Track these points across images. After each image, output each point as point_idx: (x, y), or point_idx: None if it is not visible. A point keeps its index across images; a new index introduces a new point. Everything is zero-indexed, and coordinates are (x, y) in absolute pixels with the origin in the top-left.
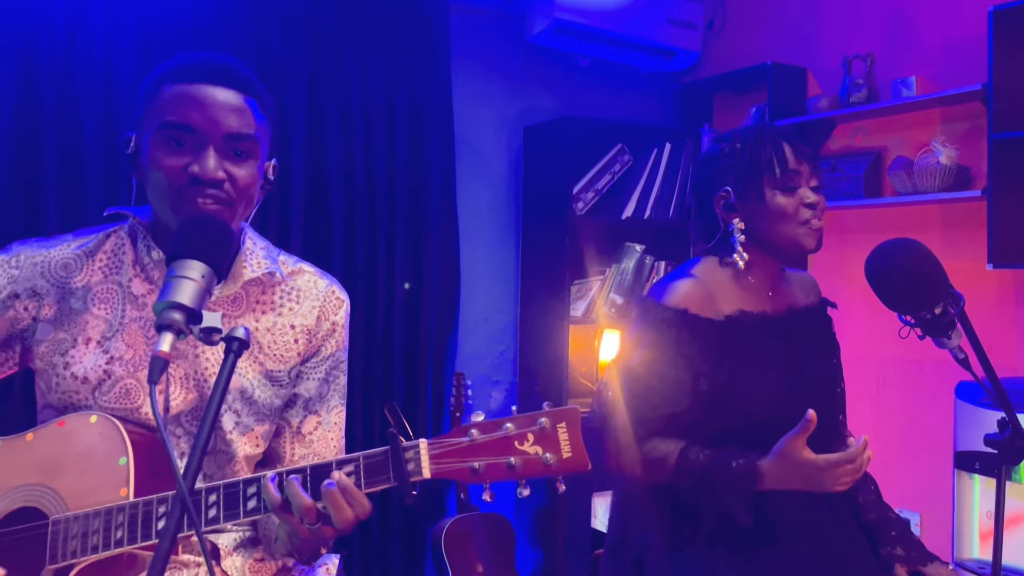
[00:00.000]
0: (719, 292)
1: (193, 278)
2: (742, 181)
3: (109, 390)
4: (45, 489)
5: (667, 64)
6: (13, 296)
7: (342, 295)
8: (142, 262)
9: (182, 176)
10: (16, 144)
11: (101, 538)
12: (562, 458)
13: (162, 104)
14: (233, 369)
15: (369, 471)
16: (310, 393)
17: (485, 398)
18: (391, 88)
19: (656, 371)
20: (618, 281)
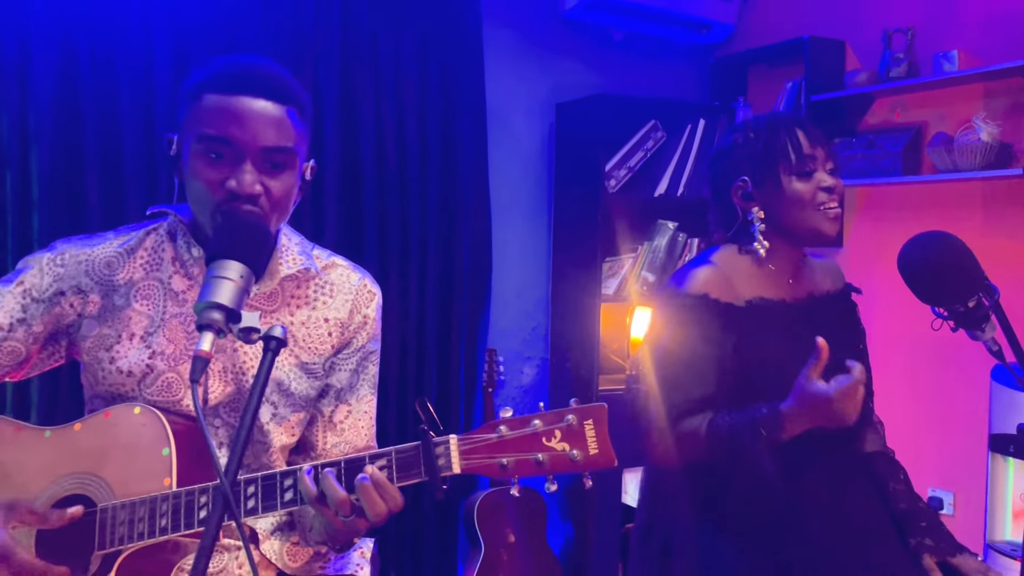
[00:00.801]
0: (738, 279)
1: (231, 278)
2: (758, 170)
3: (152, 383)
4: (93, 477)
5: (702, 37)
6: (59, 293)
7: (374, 288)
8: (182, 259)
9: (220, 190)
10: (56, 134)
11: (147, 525)
12: (589, 455)
13: (202, 114)
14: (271, 367)
15: (401, 465)
16: (342, 383)
17: (517, 373)
18: (423, 66)
19: (682, 357)
20: (650, 259)
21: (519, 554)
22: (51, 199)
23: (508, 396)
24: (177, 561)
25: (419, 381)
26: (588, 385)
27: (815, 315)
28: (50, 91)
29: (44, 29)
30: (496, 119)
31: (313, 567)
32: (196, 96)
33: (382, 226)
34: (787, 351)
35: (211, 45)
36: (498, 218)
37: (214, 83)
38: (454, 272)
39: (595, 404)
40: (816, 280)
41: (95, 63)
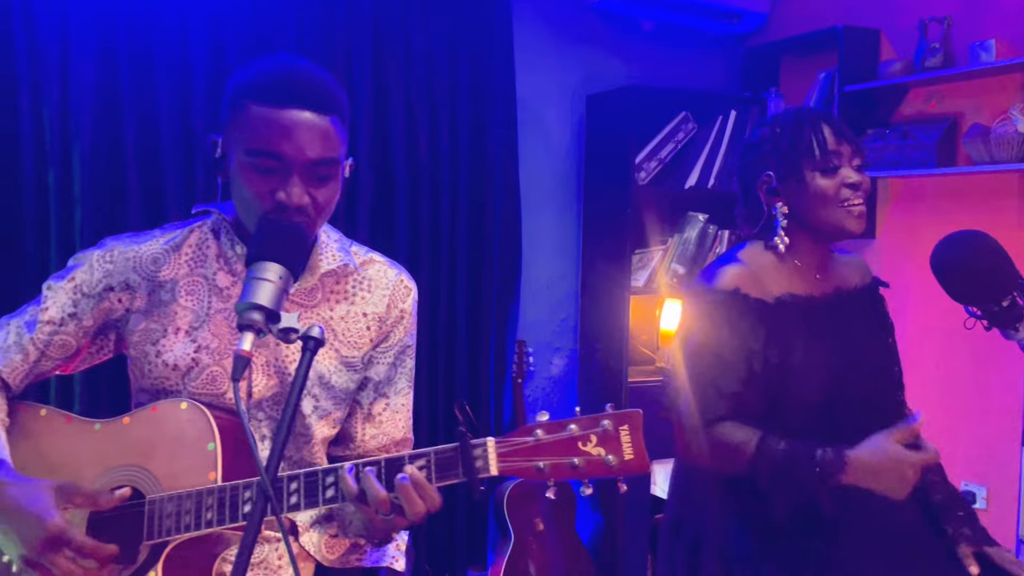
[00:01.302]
0: (766, 275)
1: (271, 279)
2: (783, 165)
3: (197, 377)
4: (141, 470)
5: (733, 27)
6: (108, 289)
7: (410, 283)
8: (226, 256)
9: (268, 200)
10: (96, 129)
11: (193, 518)
12: (624, 460)
13: (248, 125)
14: (310, 366)
15: (440, 466)
16: (379, 377)
17: (546, 364)
18: (454, 59)
19: (714, 353)
20: (680, 251)
21: (548, 543)
22: (92, 193)
23: (537, 387)
24: (220, 552)
25: (449, 372)
26: (618, 377)
27: (844, 310)
28: (90, 87)
29: (83, 25)
30: (526, 111)
31: (350, 559)
32: (241, 104)
33: (413, 219)
34: (816, 346)
35: (246, 40)
36: (528, 210)
37: (259, 92)
38: (484, 264)
39: (631, 410)
40: (844, 275)
41: (133, 58)
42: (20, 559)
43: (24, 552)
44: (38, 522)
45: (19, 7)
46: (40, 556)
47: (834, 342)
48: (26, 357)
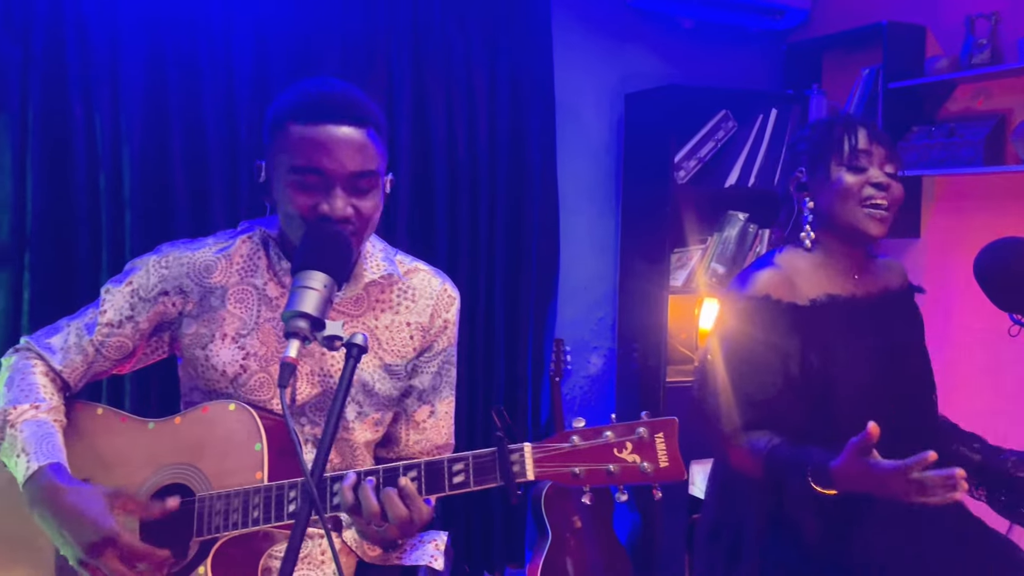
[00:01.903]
0: (801, 278)
1: (316, 288)
2: (813, 159)
3: (245, 382)
4: (191, 468)
5: (775, 23)
6: (163, 293)
7: (454, 293)
8: (274, 268)
9: (313, 214)
10: (145, 134)
11: (240, 516)
12: (659, 467)
13: (289, 144)
14: (353, 373)
15: (478, 470)
16: (424, 385)
17: (584, 363)
18: (493, 58)
19: (747, 359)
20: (720, 250)
21: (586, 541)
22: (142, 196)
23: (575, 386)
24: (267, 548)
25: (487, 371)
26: (656, 376)
27: (884, 310)
28: (139, 92)
29: (132, 31)
30: (564, 110)
31: (390, 556)
32: (281, 126)
33: (452, 218)
34: (858, 347)
35: (288, 44)
36: (566, 209)
37: (298, 113)
38: (522, 263)
39: (666, 418)
40: (883, 277)
41: (180, 62)
42: (76, 561)
43: (79, 554)
44: (93, 526)
45: (71, 14)
46: (94, 559)
47: (876, 343)
48: (85, 357)
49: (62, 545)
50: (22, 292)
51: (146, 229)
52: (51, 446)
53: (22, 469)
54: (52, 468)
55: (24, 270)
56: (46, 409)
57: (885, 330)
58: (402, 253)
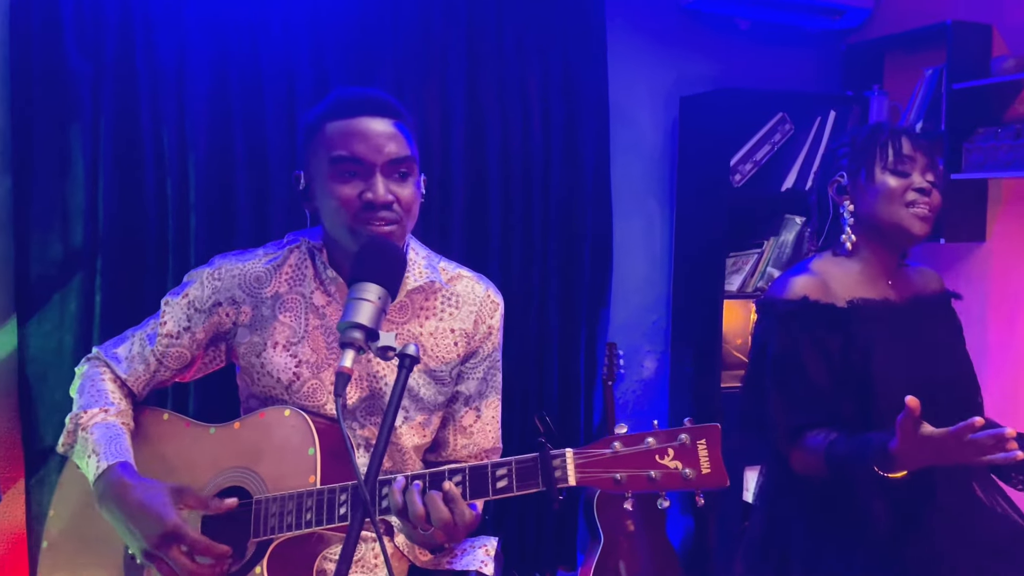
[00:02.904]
0: (836, 283)
1: (370, 299)
2: (854, 163)
3: (299, 389)
4: (250, 472)
5: (835, 23)
6: (216, 304)
7: (497, 298)
8: (320, 277)
9: (356, 202)
10: (210, 139)
11: (294, 518)
12: (701, 474)
13: (328, 140)
14: (406, 382)
15: (520, 475)
16: (470, 391)
17: (637, 367)
18: (546, 63)
19: (792, 363)
20: (776, 254)
21: (638, 546)
22: (206, 200)
23: (628, 389)
24: (321, 550)
25: (540, 374)
26: (710, 382)
27: (919, 314)
28: (203, 101)
29: (197, 44)
30: (618, 113)
31: (441, 561)
32: (318, 128)
33: (506, 221)
34: (895, 349)
35: (345, 47)
36: (619, 212)
37: (332, 112)
38: (575, 266)
39: (709, 424)
40: (917, 282)
41: (242, 71)
42: (142, 553)
43: (145, 546)
44: (158, 520)
45: (140, 28)
46: (159, 550)
47: (913, 346)
48: (148, 367)
49: (129, 539)
50: (94, 295)
51: (210, 232)
52: (119, 446)
53: (92, 468)
54: (120, 466)
55: (96, 274)
56: (115, 413)
57: (921, 333)
58: (445, 260)
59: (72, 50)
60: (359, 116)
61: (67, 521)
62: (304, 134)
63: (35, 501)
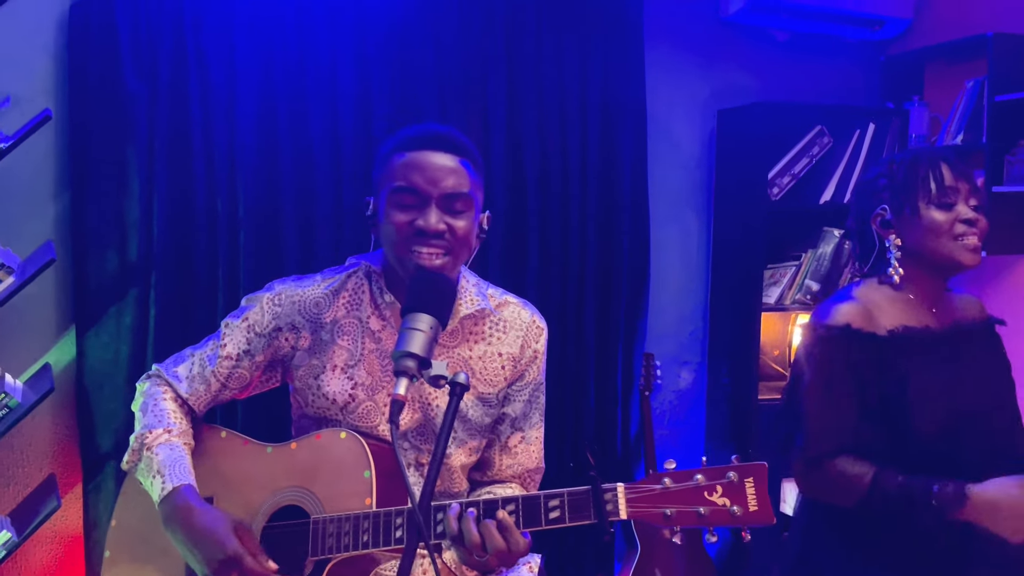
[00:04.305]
0: (879, 311)
1: (423, 329)
2: (897, 197)
3: (353, 411)
4: (306, 492)
5: (874, 34)
6: (277, 329)
7: (542, 324)
8: (376, 301)
9: (409, 229)
10: (258, 159)
11: (351, 539)
12: (748, 511)
13: (392, 171)
14: (457, 409)
15: (573, 507)
16: (516, 413)
17: (674, 378)
18: (585, 76)
19: (827, 389)
20: (814, 267)
21: (675, 555)
22: (255, 218)
23: (664, 400)
24: (374, 568)
25: (577, 384)
26: (747, 395)
27: (962, 342)
28: (252, 121)
29: (247, 66)
30: (655, 126)
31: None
32: (387, 159)
33: (544, 233)
34: (934, 378)
35: (388, 69)
36: (656, 223)
37: (401, 145)
38: (612, 277)
39: (756, 463)
40: (960, 309)
41: (289, 93)
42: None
43: (206, 570)
44: (219, 547)
45: (193, 51)
46: (219, 574)
47: (953, 373)
48: (208, 387)
49: (191, 560)
50: (149, 308)
51: (257, 248)
52: (182, 468)
53: (157, 489)
54: (185, 489)
55: (151, 288)
56: (177, 433)
57: (964, 361)
58: (493, 286)
59: (129, 73)
60: (424, 150)
61: (129, 532)
62: (377, 164)
63: (92, 506)
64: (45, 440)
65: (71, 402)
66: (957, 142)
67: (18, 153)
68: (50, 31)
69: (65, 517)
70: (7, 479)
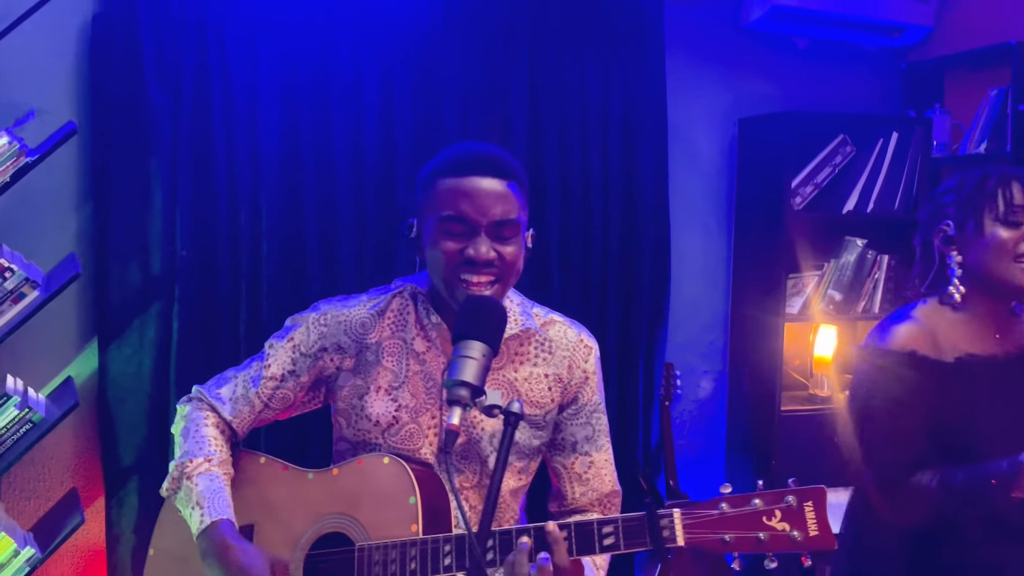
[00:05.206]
0: (942, 335)
1: (475, 357)
2: (962, 212)
3: (396, 433)
4: (349, 518)
5: (894, 41)
6: (322, 349)
7: (591, 343)
8: (422, 323)
9: (458, 257)
10: (281, 171)
11: (398, 567)
12: (809, 536)
13: (439, 197)
14: (512, 440)
15: (627, 533)
16: (576, 437)
17: (694, 387)
18: (606, 87)
19: (892, 416)
20: (837, 276)
21: (697, 566)
22: (277, 230)
23: (684, 410)
24: None
25: None
26: (770, 405)
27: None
28: (276, 133)
29: (270, 77)
30: (676, 135)
31: None
32: (431, 183)
33: (565, 242)
34: (1000, 410)
35: (412, 81)
36: (677, 232)
37: (446, 169)
38: (633, 286)
39: (815, 487)
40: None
41: (312, 103)
42: None
43: None
44: None
45: (216, 63)
46: None
47: (1018, 404)
48: (252, 408)
49: None
50: (172, 322)
51: (280, 261)
52: (222, 501)
53: (196, 521)
54: (223, 525)
55: (174, 302)
56: (217, 462)
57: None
58: (538, 306)
59: (152, 84)
60: (471, 175)
61: (167, 561)
62: (420, 186)
63: (115, 521)
64: (66, 454)
65: (92, 415)
66: (980, 151)
67: (40, 165)
68: (71, 42)
69: (86, 531)
70: (28, 493)
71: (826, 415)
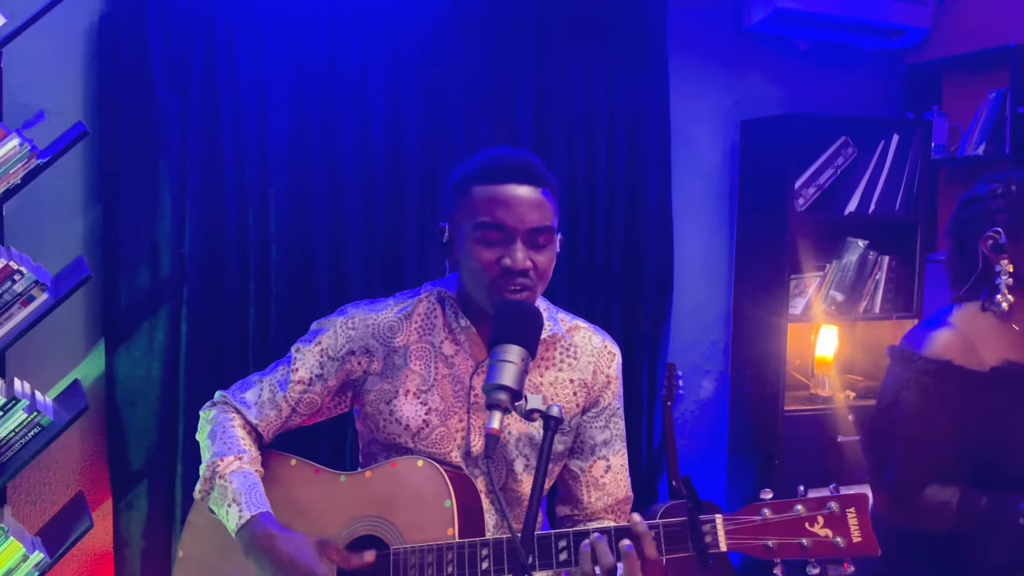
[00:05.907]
0: (980, 342)
1: (513, 361)
2: (1016, 221)
3: (426, 436)
4: (384, 521)
5: (892, 43)
6: (350, 353)
7: (614, 349)
8: (450, 326)
9: (495, 268)
10: (289, 173)
11: (435, 570)
12: (852, 542)
13: (474, 204)
14: (552, 445)
15: (668, 539)
16: (595, 440)
17: (696, 387)
18: (610, 89)
19: (924, 426)
20: (839, 277)
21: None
22: (286, 232)
23: (686, 410)
24: None
25: None
26: (773, 405)
27: None
28: (284, 134)
29: (278, 78)
30: (679, 136)
31: None
32: (466, 190)
33: (571, 243)
34: None
35: (420, 81)
36: (679, 233)
37: (481, 176)
38: (638, 288)
39: (857, 493)
40: None
41: (321, 103)
42: None
43: None
44: (307, 572)
45: (225, 64)
46: None
47: None
48: (279, 413)
49: None
50: (180, 325)
51: (289, 263)
52: (258, 496)
53: (234, 517)
54: (264, 517)
55: (183, 304)
56: (248, 460)
57: None
58: (563, 311)
59: (160, 86)
60: (506, 183)
61: (197, 564)
62: (452, 191)
63: (123, 524)
64: (73, 457)
65: (99, 419)
66: (979, 153)
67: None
68: (79, 43)
69: (93, 536)
70: (33, 497)
71: (827, 415)
